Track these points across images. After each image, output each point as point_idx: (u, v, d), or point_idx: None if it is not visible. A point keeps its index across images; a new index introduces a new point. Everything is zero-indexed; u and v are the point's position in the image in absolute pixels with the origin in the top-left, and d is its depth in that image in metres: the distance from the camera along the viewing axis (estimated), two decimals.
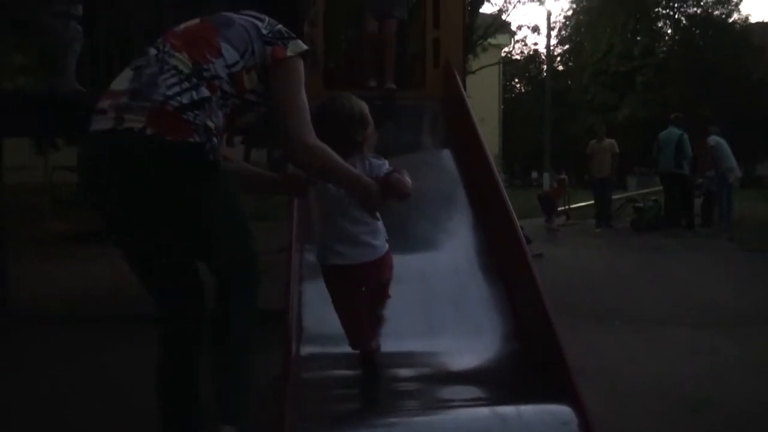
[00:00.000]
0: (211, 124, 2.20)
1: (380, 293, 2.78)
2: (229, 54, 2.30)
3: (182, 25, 2.41)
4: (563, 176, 15.81)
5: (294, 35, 2.43)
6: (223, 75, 2.27)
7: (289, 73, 2.37)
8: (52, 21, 5.83)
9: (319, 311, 3.08)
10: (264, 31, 2.38)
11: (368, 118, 2.60)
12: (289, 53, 2.36)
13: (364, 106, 2.61)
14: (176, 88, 2.16)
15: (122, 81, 2.24)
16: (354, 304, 2.70)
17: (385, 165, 2.56)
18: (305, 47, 2.41)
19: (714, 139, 12.07)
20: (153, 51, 2.29)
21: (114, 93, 2.22)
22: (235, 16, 2.42)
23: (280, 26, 2.43)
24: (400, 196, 2.49)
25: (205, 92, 2.20)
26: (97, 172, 2.20)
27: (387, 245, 2.68)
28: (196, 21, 2.41)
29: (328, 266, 2.65)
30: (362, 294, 2.71)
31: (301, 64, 2.39)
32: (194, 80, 2.20)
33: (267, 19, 2.44)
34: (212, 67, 2.25)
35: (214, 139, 2.22)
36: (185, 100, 2.16)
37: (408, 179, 2.50)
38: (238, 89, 2.33)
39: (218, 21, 2.38)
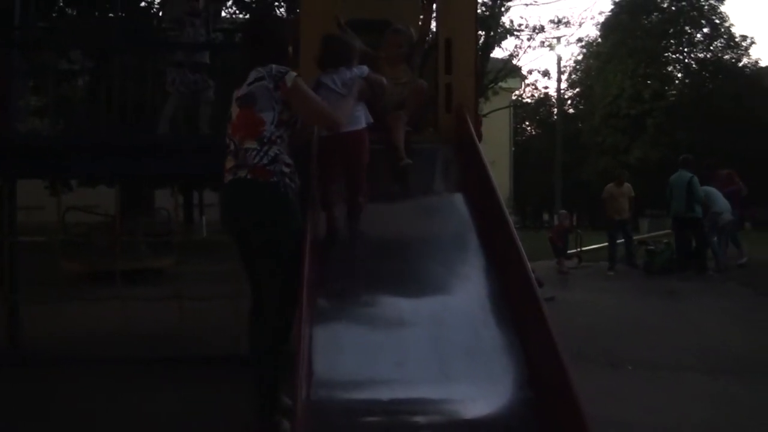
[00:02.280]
0: (286, 170, 3.47)
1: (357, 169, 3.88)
2: (267, 115, 3.49)
3: (233, 118, 3.61)
4: (563, 211, 15.63)
5: (287, 69, 3.56)
6: (273, 128, 3.49)
7: (298, 95, 3.55)
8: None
9: (330, 356, 3.07)
10: (270, 85, 3.49)
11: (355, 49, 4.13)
12: (289, 85, 3.50)
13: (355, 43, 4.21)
14: (257, 158, 3.44)
15: (230, 161, 3.55)
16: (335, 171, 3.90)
17: (365, 70, 4.00)
18: (294, 72, 3.57)
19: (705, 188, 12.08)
20: (232, 146, 3.55)
21: (227, 169, 3.55)
22: (250, 89, 3.52)
23: (274, 70, 3.52)
24: (377, 88, 4.01)
25: (274, 150, 3.46)
26: (226, 203, 3.61)
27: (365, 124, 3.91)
28: (237, 111, 3.57)
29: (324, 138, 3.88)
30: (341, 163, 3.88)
31: (299, 82, 3.55)
32: (264, 146, 3.45)
33: (265, 72, 3.51)
34: (265, 130, 3.47)
35: (287, 179, 3.47)
36: (265, 160, 3.43)
37: (383, 79, 4.09)
38: (284, 122, 3.54)
39: (247, 101, 3.51)
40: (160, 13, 12.36)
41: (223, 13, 18.98)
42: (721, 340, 6.40)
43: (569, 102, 43.03)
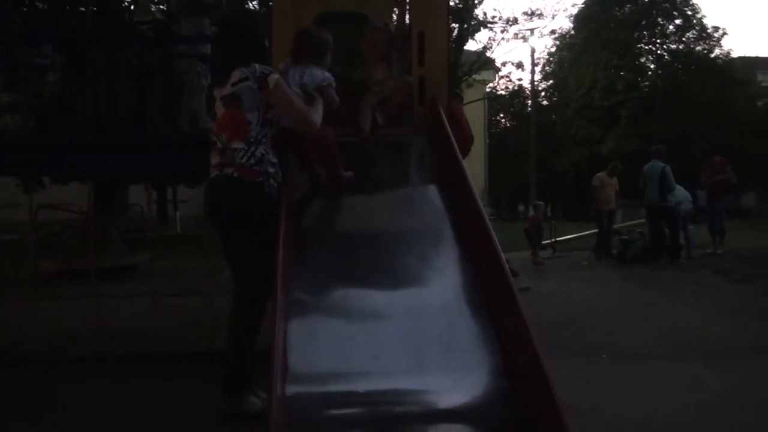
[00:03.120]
0: (271, 170, 3.67)
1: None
2: (253, 115, 3.66)
3: (218, 117, 3.77)
4: (538, 202, 15.75)
5: (270, 70, 3.72)
6: (258, 128, 3.67)
7: (280, 95, 3.70)
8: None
9: (305, 349, 3.06)
10: (254, 86, 3.63)
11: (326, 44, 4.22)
12: (272, 86, 3.65)
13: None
14: (244, 158, 3.63)
15: (215, 157, 3.73)
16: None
17: (326, 80, 4.07)
18: (277, 73, 3.75)
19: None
20: (218, 143, 3.71)
21: (213, 165, 3.75)
22: (235, 89, 3.65)
23: (257, 70, 3.65)
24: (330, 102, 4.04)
25: (260, 150, 3.65)
26: (212, 198, 3.78)
27: None
28: (222, 110, 3.73)
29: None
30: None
31: (280, 83, 3.71)
32: (251, 147, 3.64)
33: (249, 73, 3.65)
34: (251, 130, 3.66)
35: (271, 180, 3.66)
36: (252, 161, 3.63)
37: (336, 100, 4.11)
38: (269, 121, 3.72)
39: (233, 101, 3.66)
40: (132, 7, 12.22)
41: None
42: (694, 327, 6.49)
43: (543, 94, 43.21)
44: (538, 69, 38.94)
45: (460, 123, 11.34)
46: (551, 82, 42.95)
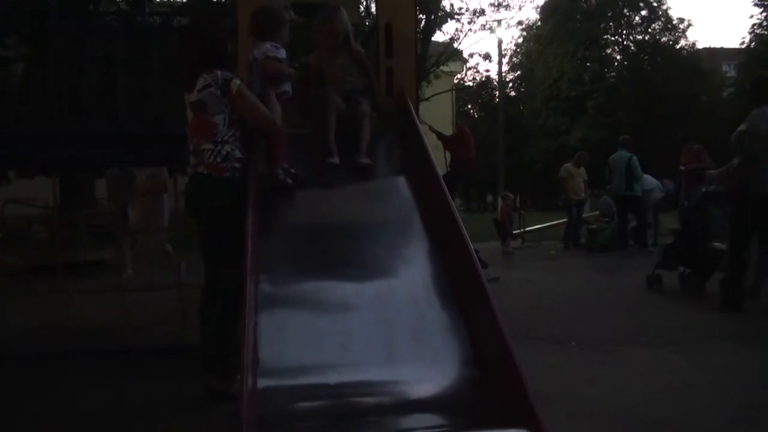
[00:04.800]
0: (237, 165, 3.95)
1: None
2: (219, 118, 3.92)
3: (189, 121, 4.02)
4: (507, 193, 15.88)
5: (231, 76, 3.94)
6: (225, 129, 3.94)
7: (242, 101, 3.94)
8: None
9: (275, 342, 3.05)
10: (217, 92, 3.90)
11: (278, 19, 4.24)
12: (234, 92, 3.90)
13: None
14: (211, 157, 3.93)
15: (192, 158, 4.02)
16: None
17: (269, 50, 4.12)
18: (239, 80, 3.96)
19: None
20: (191, 146, 4.02)
21: (190, 165, 4.06)
22: (200, 96, 3.91)
23: (220, 78, 3.90)
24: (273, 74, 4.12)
25: (226, 149, 3.93)
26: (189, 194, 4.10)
27: None
28: (192, 115, 3.99)
29: None
30: None
31: (243, 89, 3.93)
32: (218, 146, 3.92)
33: (211, 80, 3.90)
34: (218, 133, 3.93)
35: (237, 174, 3.94)
36: (218, 159, 3.92)
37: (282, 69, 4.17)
38: (235, 122, 3.97)
39: (199, 107, 3.93)
40: None
41: None
42: (661, 313, 6.58)
43: (511, 85, 43.46)
44: (505, 60, 39.21)
45: (467, 142, 11.45)
46: (518, 73, 43.20)
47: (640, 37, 37.77)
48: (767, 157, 6.28)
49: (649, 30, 37.65)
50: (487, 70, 43.91)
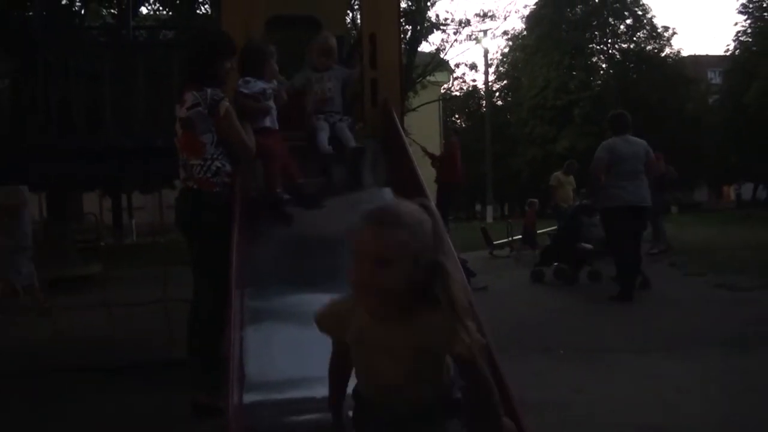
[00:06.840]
0: (227, 179, 3.96)
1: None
2: (206, 137, 3.94)
3: (179, 136, 4.02)
4: (534, 200, 15.87)
5: (221, 97, 3.93)
6: (213, 148, 3.95)
7: (227, 123, 3.95)
8: None
9: (261, 357, 3.04)
10: (205, 111, 3.90)
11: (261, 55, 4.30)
12: (221, 113, 3.91)
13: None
14: (201, 172, 3.93)
15: (181, 172, 4.05)
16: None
17: (238, 84, 4.19)
18: (227, 102, 3.95)
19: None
20: (181, 161, 4.03)
21: (180, 179, 4.08)
22: (189, 114, 3.91)
23: (209, 98, 3.89)
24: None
25: (216, 164, 3.93)
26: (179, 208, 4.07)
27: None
28: (181, 131, 3.99)
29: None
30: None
31: (230, 112, 3.94)
32: (207, 162, 3.93)
33: (200, 99, 3.89)
34: (207, 151, 3.94)
35: (227, 189, 3.94)
36: (209, 174, 3.93)
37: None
38: (223, 140, 3.98)
39: (188, 125, 3.94)
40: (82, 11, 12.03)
41: (145, 10, 18.64)
42: (649, 320, 6.59)
43: (497, 94, 43.65)
44: (491, 70, 39.39)
45: (455, 158, 11.50)
46: (505, 82, 43.38)
47: (625, 45, 38.06)
48: (620, 179, 7.59)
49: (635, 38, 37.96)
50: (474, 80, 44.17)
